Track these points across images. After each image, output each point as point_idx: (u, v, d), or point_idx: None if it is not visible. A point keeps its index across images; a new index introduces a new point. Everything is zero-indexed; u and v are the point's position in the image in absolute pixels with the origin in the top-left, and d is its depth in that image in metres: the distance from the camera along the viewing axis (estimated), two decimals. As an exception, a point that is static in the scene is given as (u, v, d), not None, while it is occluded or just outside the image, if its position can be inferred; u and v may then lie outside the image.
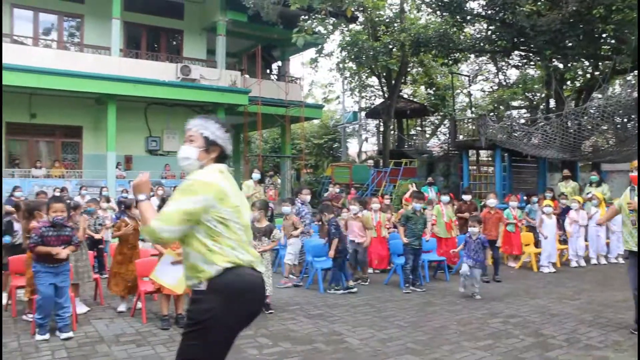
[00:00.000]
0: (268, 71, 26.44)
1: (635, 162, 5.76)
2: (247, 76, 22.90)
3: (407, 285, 8.44)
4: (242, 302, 2.91)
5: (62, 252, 5.80)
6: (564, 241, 11.32)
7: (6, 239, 7.43)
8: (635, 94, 15.74)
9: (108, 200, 13.02)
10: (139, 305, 6.68)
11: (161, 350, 5.41)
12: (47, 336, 5.61)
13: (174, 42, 22.76)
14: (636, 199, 5.85)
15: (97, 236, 8.91)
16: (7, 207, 10.78)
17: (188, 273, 3.01)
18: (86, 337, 5.83)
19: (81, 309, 6.81)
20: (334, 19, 21.03)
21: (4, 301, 7.18)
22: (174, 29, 22.25)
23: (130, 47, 20.92)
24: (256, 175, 11.54)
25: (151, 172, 19.85)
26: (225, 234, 2.91)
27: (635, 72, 17.99)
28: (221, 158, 3.18)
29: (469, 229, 8.34)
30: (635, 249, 5.94)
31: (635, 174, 5.72)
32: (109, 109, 18.50)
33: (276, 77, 26.19)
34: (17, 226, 7.61)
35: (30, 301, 6.29)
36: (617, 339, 5.79)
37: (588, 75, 22.92)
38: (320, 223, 9.67)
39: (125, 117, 19.35)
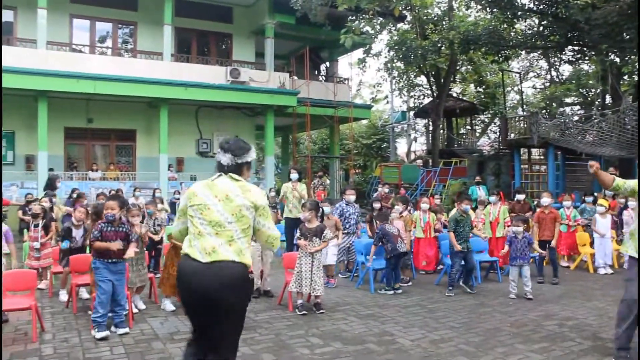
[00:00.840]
0: (316, 72, 26.53)
1: None
2: (295, 78, 23.04)
3: (450, 288, 8.26)
4: (179, 286, 3.54)
5: (128, 251, 6.10)
6: (621, 241, 10.96)
7: (64, 244, 7.74)
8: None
9: (162, 202, 13.34)
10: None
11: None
12: (106, 333, 5.77)
13: (224, 46, 23.11)
14: None
15: (156, 237, 9.10)
16: (66, 208, 11.21)
17: None
18: (142, 334, 5.99)
19: (140, 306, 7.09)
20: (381, 18, 20.98)
21: (64, 297, 7.47)
22: (223, 32, 22.60)
23: (181, 52, 21.36)
24: (294, 175, 11.55)
25: (202, 174, 20.34)
26: (190, 228, 3.55)
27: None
28: (219, 169, 3.69)
29: (513, 229, 8.18)
30: None
31: None
32: (161, 113, 18.95)
33: (324, 78, 26.26)
34: (75, 232, 7.87)
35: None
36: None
37: (646, 69, 22.12)
38: (369, 224, 9.67)
39: (176, 120, 19.80)
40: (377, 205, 9.84)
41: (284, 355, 5.34)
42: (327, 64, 27.08)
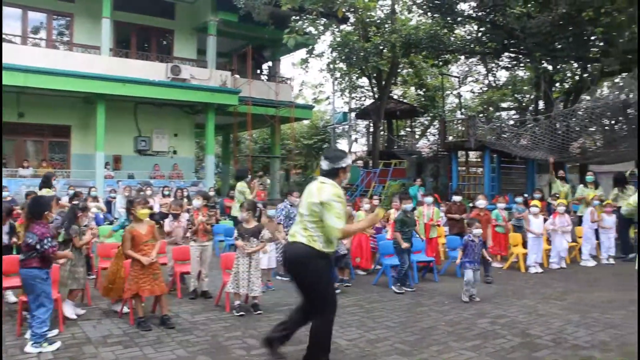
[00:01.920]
0: (258, 71, 26.40)
1: None
2: (237, 76, 22.87)
3: (399, 284, 8.42)
4: None
5: (64, 252, 5.91)
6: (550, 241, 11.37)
7: None
8: (623, 96, 15.85)
9: (97, 200, 12.96)
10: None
11: (149, 352, 5.39)
12: (58, 344, 5.50)
13: (165, 42, 22.69)
14: None
15: (78, 243, 8.73)
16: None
17: None
18: (73, 338, 5.80)
19: (77, 312, 6.78)
20: (325, 19, 21.06)
21: None
22: (164, 28, 22.19)
23: (120, 47, 20.83)
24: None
25: (140, 172, 19.88)
26: None
27: (623, 74, 18.12)
28: (320, 172, 4.82)
29: (474, 231, 8.09)
30: None
31: None
32: (98, 109, 18.42)
33: (266, 78, 26.15)
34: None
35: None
36: (604, 339, 5.83)
37: (577, 77, 23.05)
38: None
39: (114, 116, 19.26)
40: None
41: (220, 357, 5.28)
42: (270, 63, 27.01)
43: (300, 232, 4.68)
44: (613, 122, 17.50)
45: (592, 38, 17.11)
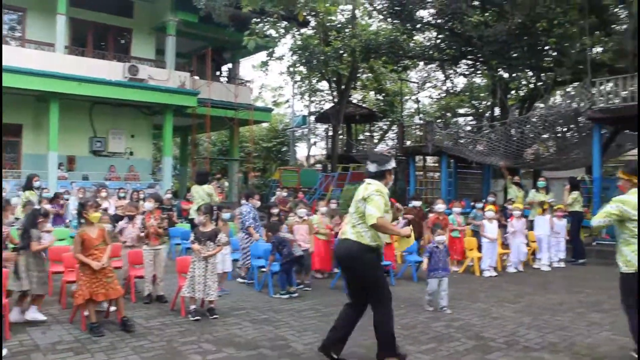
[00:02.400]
0: (218, 73, 26.17)
1: (620, 171, 5.69)
2: (196, 78, 22.63)
3: None
4: None
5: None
6: (507, 246, 11.61)
7: None
8: (575, 105, 16.30)
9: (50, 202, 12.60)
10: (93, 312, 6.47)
11: (101, 358, 5.27)
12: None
13: (122, 41, 22.26)
14: None
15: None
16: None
17: None
18: (21, 345, 5.61)
19: (39, 316, 6.56)
20: (285, 22, 21.03)
21: None
22: (122, 27, 21.76)
23: (76, 44, 20.31)
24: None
25: (95, 173, 19.36)
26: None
27: (575, 84, 18.65)
28: (367, 175, 5.23)
29: (437, 238, 7.77)
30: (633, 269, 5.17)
31: (620, 183, 5.58)
32: (51, 107, 17.92)
33: (226, 80, 25.96)
34: None
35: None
36: (554, 341, 5.98)
37: (531, 86, 23.62)
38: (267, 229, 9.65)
39: (68, 116, 18.75)
40: (274, 210, 9.84)
41: (174, 361, 5.20)
42: (230, 65, 26.79)
43: (349, 230, 5.11)
44: (565, 129, 17.99)
45: (546, 48, 17.60)
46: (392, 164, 5.17)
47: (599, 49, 18.33)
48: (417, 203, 11.81)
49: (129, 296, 7.72)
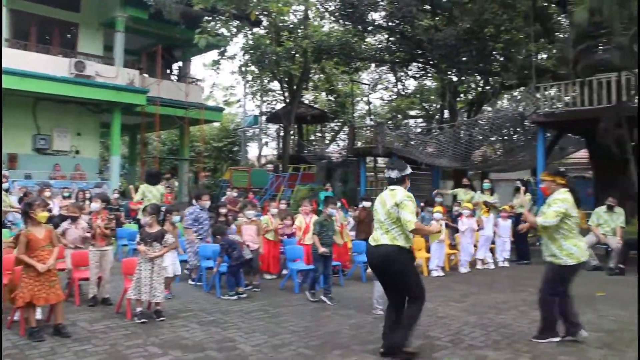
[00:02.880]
0: (168, 71, 25.77)
1: (543, 173, 6.01)
2: (146, 75, 22.21)
3: (312, 292, 8.24)
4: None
5: None
6: (453, 246, 11.84)
7: None
8: (521, 109, 16.76)
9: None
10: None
11: (41, 363, 5.12)
12: None
13: (68, 36, 21.63)
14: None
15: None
16: None
17: None
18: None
19: None
20: (237, 21, 20.89)
21: None
22: (68, 21, 21.12)
23: (18, 38, 19.61)
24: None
25: (38, 172, 18.73)
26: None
27: (521, 88, 19.17)
28: (389, 181, 5.67)
29: None
30: (576, 261, 5.84)
31: (543, 185, 5.99)
32: (-9, 103, 17.30)
33: (176, 78, 25.60)
34: None
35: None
36: (497, 339, 6.13)
37: (480, 89, 24.16)
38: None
39: (9, 112, 18.03)
40: (223, 210, 9.76)
41: (118, 366, 5.10)
42: (180, 63, 26.43)
43: (382, 236, 5.45)
44: (512, 132, 18.48)
45: (494, 53, 18.05)
46: (409, 169, 5.68)
47: (544, 56, 18.92)
48: (367, 204, 11.88)
49: (72, 299, 7.52)
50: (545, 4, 17.60)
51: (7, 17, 18.27)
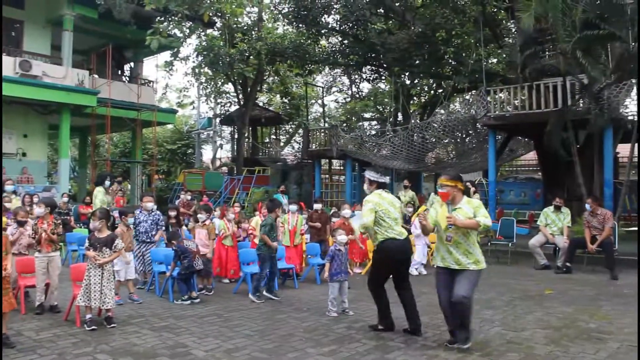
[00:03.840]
0: (119, 72, 25.29)
1: (443, 178, 6.10)
2: (96, 76, 21.74)
3: (257, 295, 8.32)
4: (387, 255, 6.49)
5: None
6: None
7: None
8: (472, 111, 17.12)
9: None
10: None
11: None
12: None
13: (13, 33, 20.93)
14: (453, 212, 6.02)
15: None
16: None
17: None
18: None
19: None
20: (190, 22, 20.67)
21: None
22: (12, 18, 20.41)
23: (-42, 35, 18.89)
24: (107, 182, 10.93)
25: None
26: (383, 223, 6.33)
27: (472, 92, 19.59)
28: (379, 187, 6.61)
29: (339, 238, 7.66)
30: (443, 265, 6.01)
31: (443, 190, 5.97)
32: None
33: (128, 79, 25.13)
34: None
35: None
36: (448, 338, 6.21)
37: (432, 92, 24.56)
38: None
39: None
40: (172, 213, 9.63)
41: (66, 375, 4.96)
42: (132, 64, 25.98)
43: (403, 230, 6.50)
44: (464, 135, 18.85)
45: (445, 57, 18.39)
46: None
47: (494, 60, 19.38)
48: (319, 206, 11.95)
49: (18, 307, 7.28)
50: (495, 10, 18.03)
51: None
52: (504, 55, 17.23)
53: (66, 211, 13.91)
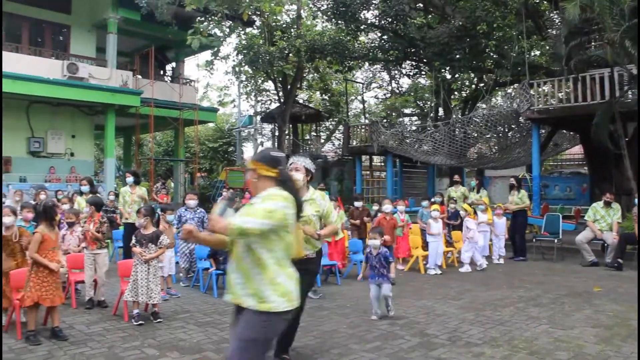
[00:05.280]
0: (162, 72, 25.74)
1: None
2: (139, 77, 22.18)
3: (314, 290, 8.22)
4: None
5: None
6: (450, 244, 11.83)
7: None
8: (515, 105, 16.79)
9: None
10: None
11: (38, 366, 5.09)
12: None
13: (61, 38, 21.55)
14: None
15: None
16: None
17: (307, 245, 5.13)
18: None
19: None
20: (230, 21, 20.88)
21: None
22: (60, 23, 21.04)
23: (9, 40, 19.52)
24: (129, 179, 10.90)
25: (33, 175, 18.63)
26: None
27: (515, 85, 19.22)
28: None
29: (370, 242, 7.30)
30: None
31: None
32: (-16, 106, 17.22)
33: (170, 79, 25.55)
34: None
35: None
36: (494, 336, 6.12)
37: (473, 86, 24.19)
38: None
39: (3, 115, 17.96)
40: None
41: (116, 368, 5.08)
42: (174, 64, 26.40)
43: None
44: (506, 129, 18.52)
45: (487, 50, 18.09)
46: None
47: (537, 52, 18.97)
48: (359, 204, 11.94)
49: (69, 302, 7.50)
50: (537, 1, 17.65)
51: (-1, 20, 18.19)
52: (548, 47, 16.84)
53: (113, 209, 14.21)
